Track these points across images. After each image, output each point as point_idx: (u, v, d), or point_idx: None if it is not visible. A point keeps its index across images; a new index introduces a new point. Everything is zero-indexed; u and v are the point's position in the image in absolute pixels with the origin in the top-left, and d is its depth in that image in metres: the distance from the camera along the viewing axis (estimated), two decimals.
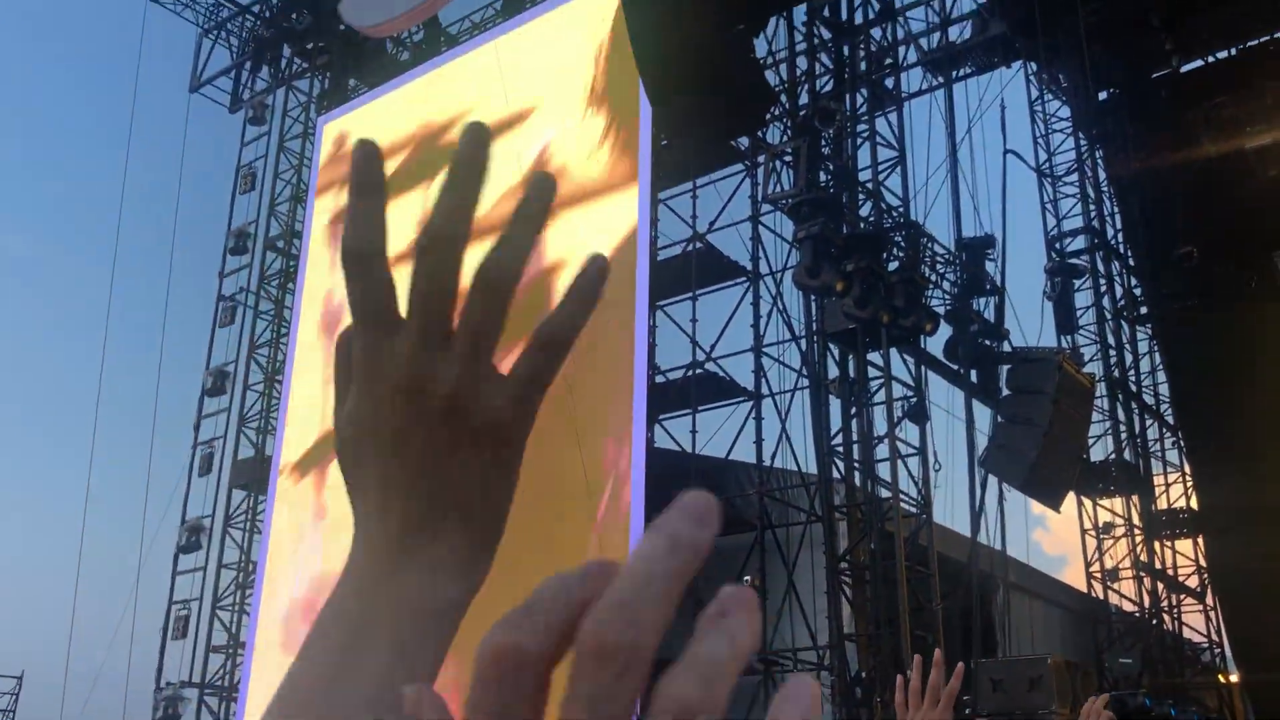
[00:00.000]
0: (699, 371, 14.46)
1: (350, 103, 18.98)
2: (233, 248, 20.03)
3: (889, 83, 14.26)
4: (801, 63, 14.20)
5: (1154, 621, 14.81)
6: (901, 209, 13.21)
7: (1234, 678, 14.56)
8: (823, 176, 12.67)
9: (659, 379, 14.46)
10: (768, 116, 13.14)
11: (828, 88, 14.04)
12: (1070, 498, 13.65)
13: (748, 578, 13.15)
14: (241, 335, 19.70)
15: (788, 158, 12.54)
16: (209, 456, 18.94)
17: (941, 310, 12.74)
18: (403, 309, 0.54)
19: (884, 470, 12.51)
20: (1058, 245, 16.62)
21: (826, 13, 14.34)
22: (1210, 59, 15.77)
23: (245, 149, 20.76)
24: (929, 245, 13.03)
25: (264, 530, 16.88)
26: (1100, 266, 16.72)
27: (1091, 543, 16.03)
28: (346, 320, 0.56)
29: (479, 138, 0.53)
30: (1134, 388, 16.65)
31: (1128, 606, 15.44)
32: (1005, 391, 12.18)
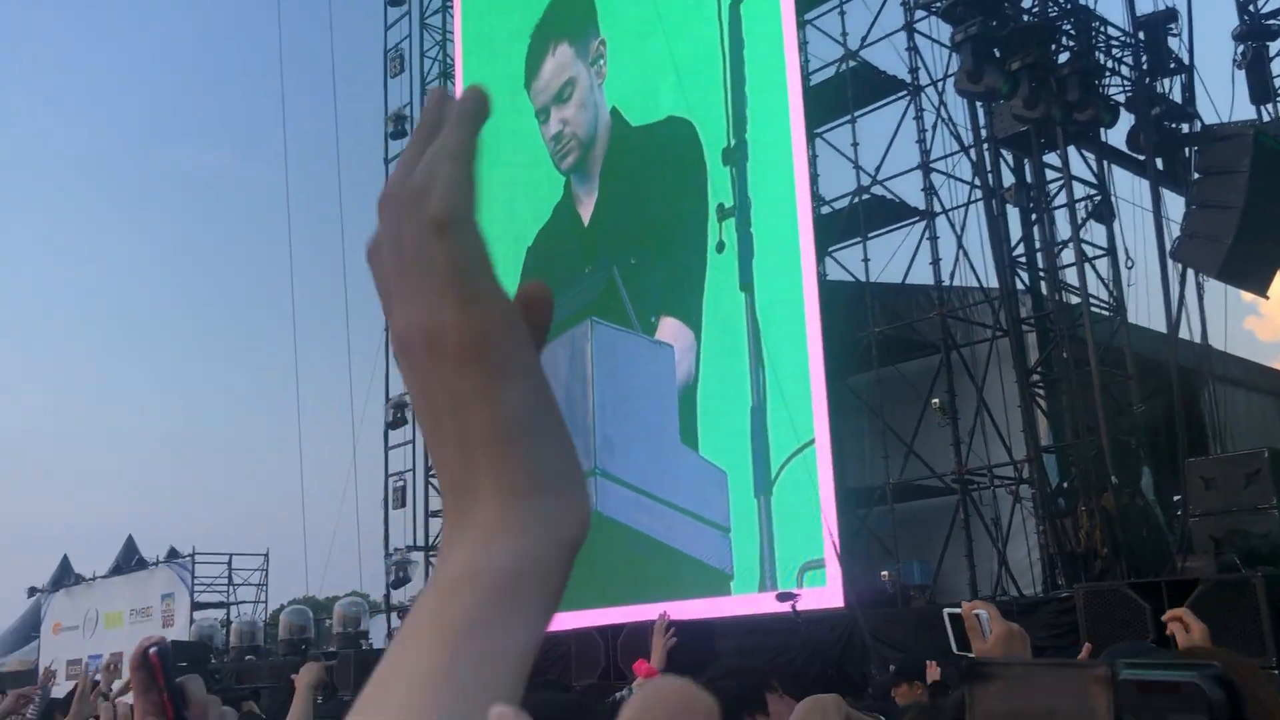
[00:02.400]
0: (866, 197, 14.04)
1: None
2: (392, 132, 20.46)
3: None
4: None
5: None
6: None
7: None
8: None
9: (824, 210, 14.15)
10: None
11: None
12: (1279, 279, 12.75)
13: (935, 400, 13.00)
14: None
15: None
16: None
17: (1121, 98, 11.88)
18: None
19: (1071, 276, 11.97)
20: (1250, 7, 15.11)
21: None
22: None
23: (390, 32, 20.98)
24: (1101, 29, 12.07)
25: None
26: None
27: None
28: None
29: (481, 104, 0.49)
30: None
31: None
32: (1196, 175, 11.35)
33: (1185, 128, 12.31)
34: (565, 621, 12.40)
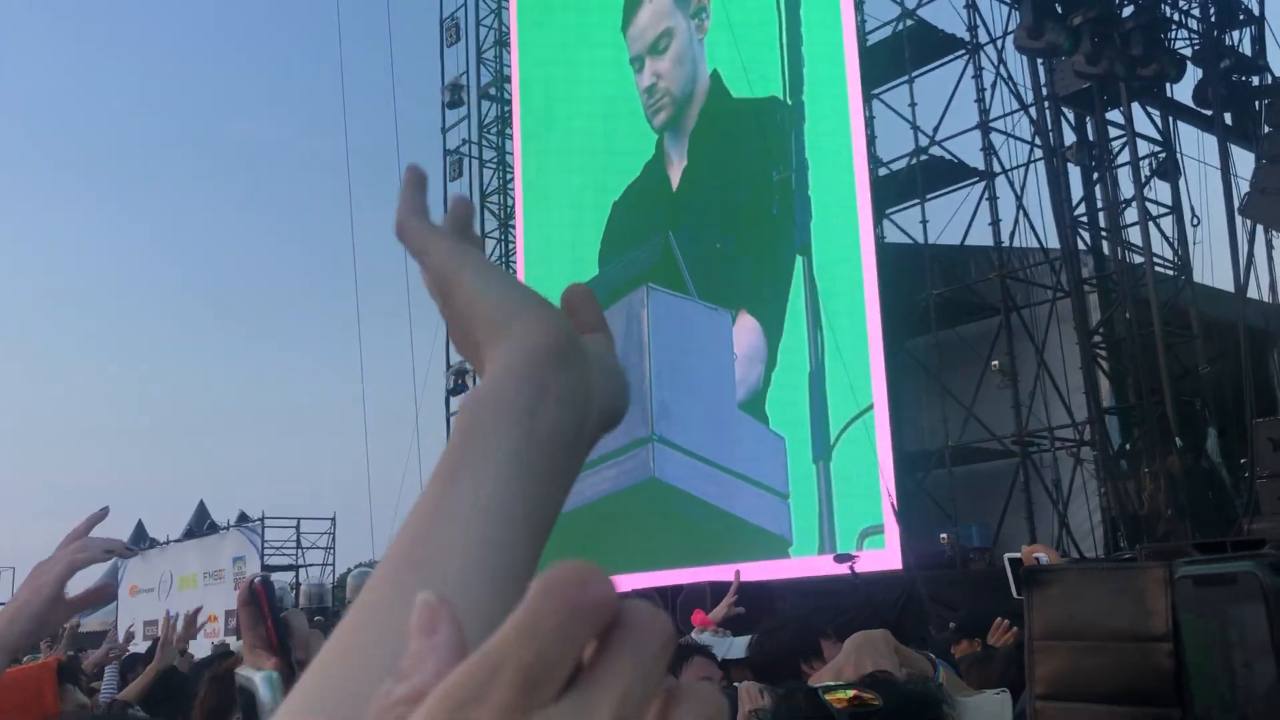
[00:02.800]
0: (924, 158, 13.88)
1: None
2: (449, 101, 20.57)
3: None
4: None
5: None
6: None
7: None
8: None
9: (881, 171, 14.01)
10: None
11: None
12: None
13: (995, 362, 12.89)
14: (471, 186, 20.42)
15: None
16: None
17: (1188, 52, 11.62)
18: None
19: (1134, 235, 11.78)
20: None
21: None
22: None
23: (445, 1, 21.04)
24: None
25: None
26: None
27: None
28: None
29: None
30: None
31: None
32: (1266, 129, 11.09)
33: (1255, 81, 12.00)
34: (623, 584, 12.56)
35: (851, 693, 1.63)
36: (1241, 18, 12.24)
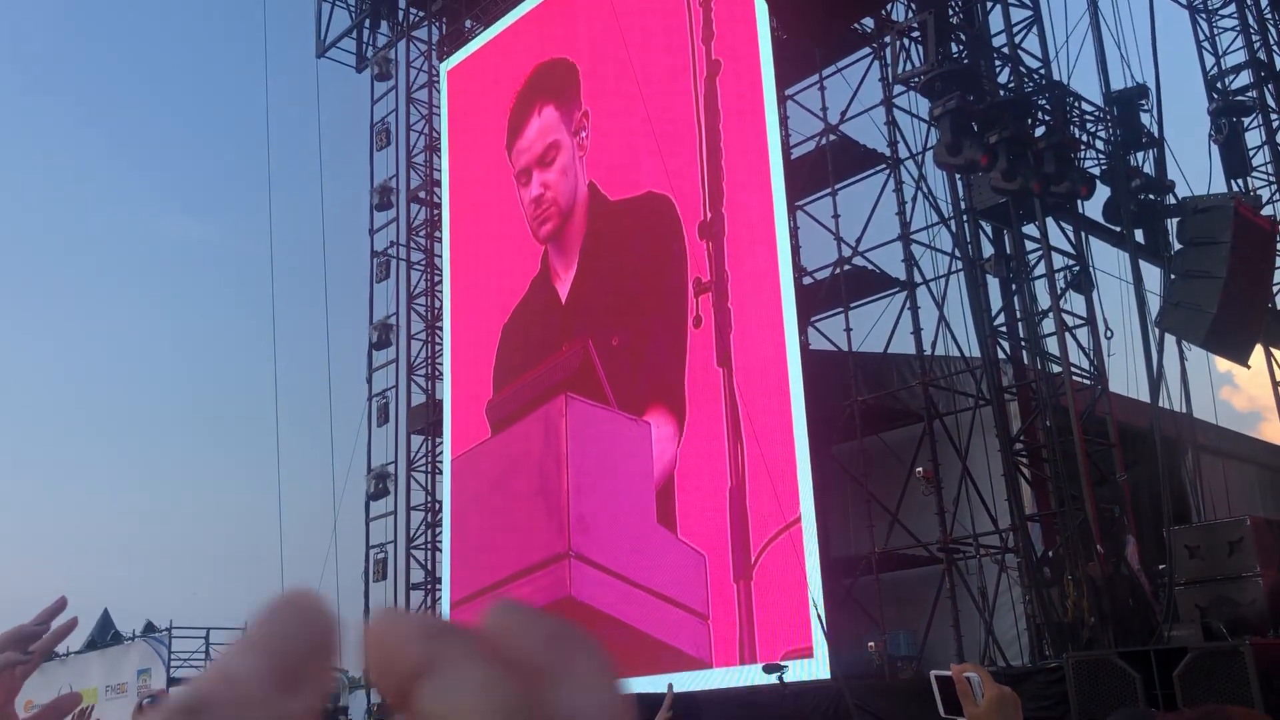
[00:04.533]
0: (847, 268, 14.18)
1: (469, 45, 19.12)
2: (378, 204, 20.59)
3: None
4: None
5: None
6: (1042, 70, 12.53)
7: None
8: (955, 48, 12.12)
9: (806, 280, 14.26)
10: None
11: None
12: (1258, 350, 12.91)
13: (920, 469, 13.00)
14: (399, 287, 20.34)
15: (915, 33, 12.02)
16: (385, 406, 19.76)
17: (1096, 171, 12.10)
18: None
19: (1052, 345, 12.08)
20: (1219, 84, 15.52)
21: None
22: None
23: (376, 106, 21.22)
24: (1076, 104, 12.34)
25: (444, 470, 17.57)
26: (1271, 100, 15.53)
27: None
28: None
29: None
30: None
31: None
32: (1176, 246, 11.53)
33: (1161, 200, 12.52)
34: None
35: None
36: (1144, 140, 12.81)
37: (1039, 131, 11.57)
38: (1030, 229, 12.20)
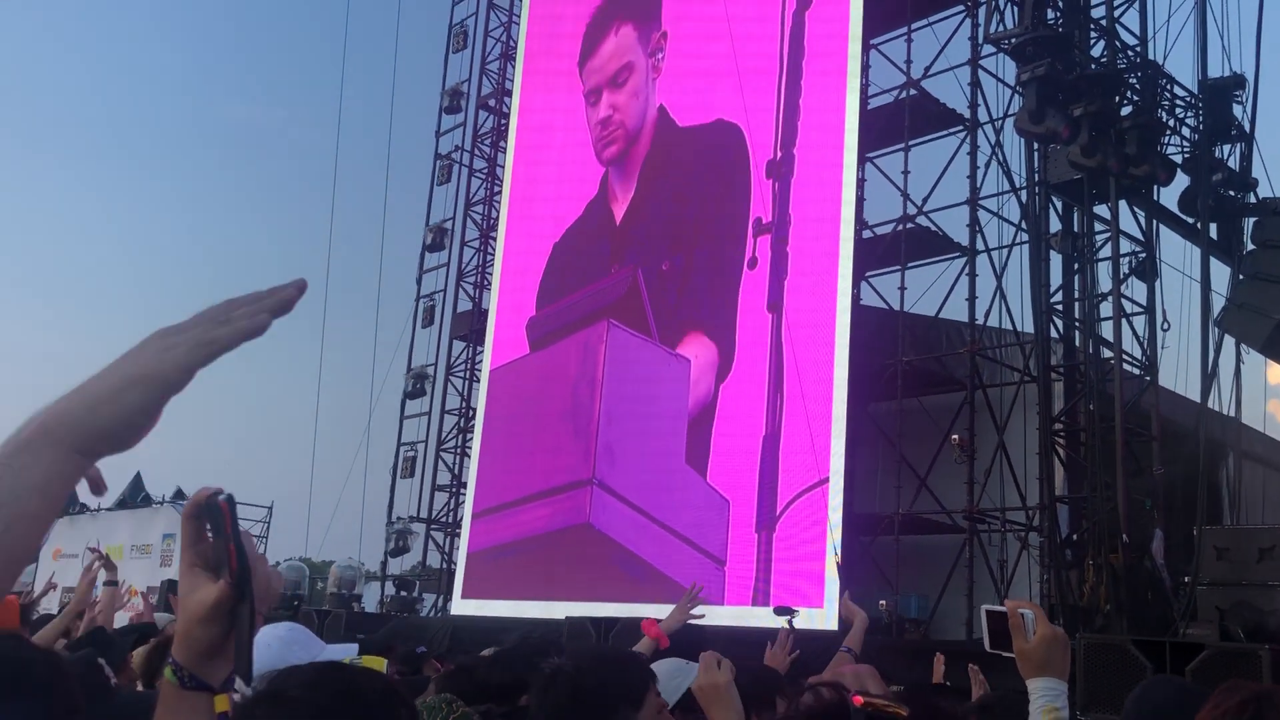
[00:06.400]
0: (910, 226, 13.99)
1: None
2: (447, 107, 20.53)
3: None
4: None
5: None
6: (1138, 48, 12.16)
7: None
8: (1050, 14, 11.77)
9: (866, 234, 14.09)
10: None
11: None
12: None
13: (955, 436, 12.93)
14: (458, 193, 20.35)
15: None
16: (430, 309, 19.90)
17: (1179, 159, 11.79)
18: None
19: (1106, 330, 11.88)
20: None
21: None
22: None
23: (457, 7, 21.06)
24: (1168, 88, 11.99)
25: (482, 379, 17.70)
26: None
27: None
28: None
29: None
30: None
31: None
32: (1249, 247, 11.24)
33: (1242, 197, 12.19)
34: (557, 610, 12.37)
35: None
36: (1234, 133, 12.44)
37: (1125, 110, 11.27)
38: (1101, 209, 11.93)
